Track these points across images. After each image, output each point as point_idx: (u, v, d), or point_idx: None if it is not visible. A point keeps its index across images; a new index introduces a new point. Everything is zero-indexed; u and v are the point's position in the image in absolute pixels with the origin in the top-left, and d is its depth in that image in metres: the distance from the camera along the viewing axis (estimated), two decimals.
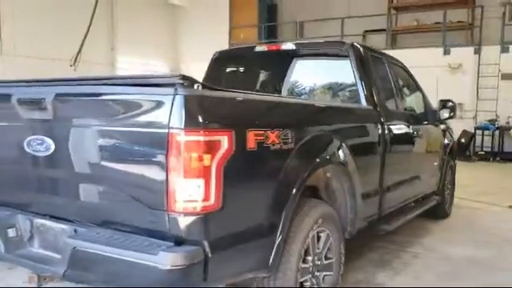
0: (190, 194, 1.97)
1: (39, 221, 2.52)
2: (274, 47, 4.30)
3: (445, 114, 5.04)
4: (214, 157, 2.00)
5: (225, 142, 2.04)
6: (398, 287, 3.06)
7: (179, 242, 2.02)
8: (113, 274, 2.15)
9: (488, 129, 12.62)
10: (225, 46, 16.11)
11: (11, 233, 2.53)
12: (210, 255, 2.02)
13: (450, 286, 3.03)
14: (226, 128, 2.06)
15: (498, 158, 12.45)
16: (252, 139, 2.19)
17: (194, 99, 2.00)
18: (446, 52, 12.87)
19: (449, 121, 5.45)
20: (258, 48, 4.38)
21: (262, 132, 2.27)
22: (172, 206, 1.98)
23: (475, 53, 12.73)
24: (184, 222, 1.99)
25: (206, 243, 2.02)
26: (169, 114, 1.95)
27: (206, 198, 1.99)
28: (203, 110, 2.00)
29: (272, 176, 2.38)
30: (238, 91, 2.34)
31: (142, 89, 2.10)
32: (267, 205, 2.36)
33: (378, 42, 15.45)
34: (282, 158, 2.44)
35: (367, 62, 3.82)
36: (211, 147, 1.99)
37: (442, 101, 5.08)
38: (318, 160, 2.77)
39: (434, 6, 14.01)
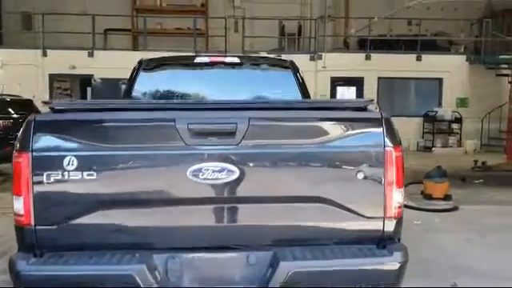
0: (398, 201, 2.22)
1: (190, 255, 2.18)
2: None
3: None
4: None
5: None
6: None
7: (382, 243, 2.22)
8: (340, 283, 2.14)
9: None
10: None
11: (158, 275, 2.11)
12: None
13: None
14: None
15: None
16: None
17: (389, 120, 2.23)
18: None
19: None
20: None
21: None
22: (388, 212, 2.20)
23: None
24: (393, 225, 2.23)
25: (399, 241, 2.29)
26: (382, 134, 2.16)
27: (402, 204, 2.27)
28: (395, 129, 2.24)
29: None
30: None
31: (348, 112, 2.26)
32: None
33: (118, 41, 15.41)
34: None
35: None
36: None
37: None
38: None
39: (175, 12, 15.09)
